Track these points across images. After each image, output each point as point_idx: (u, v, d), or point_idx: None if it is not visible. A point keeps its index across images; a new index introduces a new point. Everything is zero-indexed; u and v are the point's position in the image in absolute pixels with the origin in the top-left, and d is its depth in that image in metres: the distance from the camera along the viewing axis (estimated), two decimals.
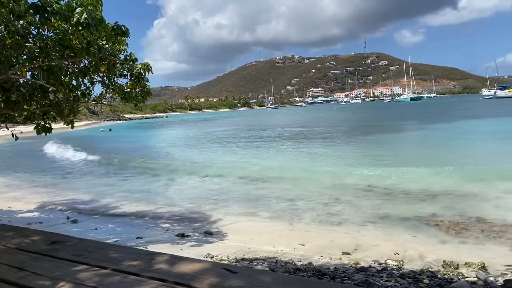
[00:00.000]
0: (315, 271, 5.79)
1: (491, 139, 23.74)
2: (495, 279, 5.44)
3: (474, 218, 8.73)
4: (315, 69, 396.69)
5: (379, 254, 7.04)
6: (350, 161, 17.93)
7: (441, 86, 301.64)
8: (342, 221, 9.22)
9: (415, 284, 5.02)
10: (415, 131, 32.37)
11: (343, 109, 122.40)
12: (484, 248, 7.05)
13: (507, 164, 14.83)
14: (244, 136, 36.67)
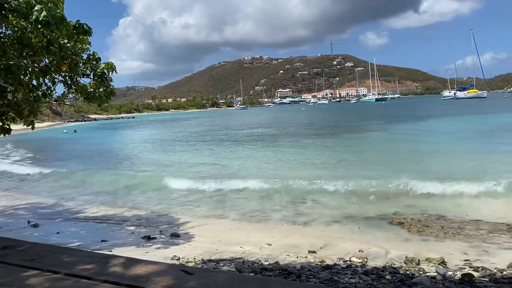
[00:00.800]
0: (281, 270, 5.82)
1: (451, 139, 24.60)
2: (454, 273, 5.63)
3: (435, 216, 9.02)
4: (283, 70, 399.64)
5: (344, 252, 7.16)
6: (316, 162, 18.16)
7: (404, 87, 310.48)
8: (309, 220, 9.33)
9: (378, 280, 5.13)
10: (380, 132, 33.15)
11: (311, 109, 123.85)
12: (444, 245, 7.31)
13: (464, 164, 15.43)
14: (213, 137, 36.48)
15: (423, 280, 4.97)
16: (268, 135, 35.28)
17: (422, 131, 30.81)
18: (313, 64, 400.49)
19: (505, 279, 5.26)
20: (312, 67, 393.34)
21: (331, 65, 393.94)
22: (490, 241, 7.34)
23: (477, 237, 7.59)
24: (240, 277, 1.87)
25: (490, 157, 16.45)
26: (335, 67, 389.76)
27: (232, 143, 29.12)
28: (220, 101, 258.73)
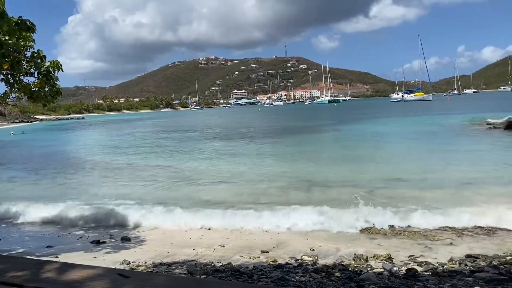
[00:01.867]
0: (233, 271, 5.83)
1: (398, 140, 25.65)
2: (399, 269, 5.87)
3: (382, 211, 9.32)
4: (238, 71, 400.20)
5: (296, 251, 7.28)
6: (270, 161, 18.33)
7: (355, 90, 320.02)
8: (262, 219, 9.35)
9: (328, 278, 5.25)
10: (332, 132, 33.97)
11: (267, 111, 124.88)
12: (391, 242, 7.59)
13: (411, 163, 16.13)
14: (166, 138, 35.89)
15: (370, 276, 5.14)
16: (226, 135, 35.22)
17: (371, 131, 31.90)
18: (268, 66, 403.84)
19: (445, 273, 5.55)
20: (267, 68, 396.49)
21: (286, 67, 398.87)
22: (433, 237, 7.71)
23: (421, 234, 7.95)
24: (178, 279, 1.85)
25: (432, 156, 17.30)
26: (289, 69, 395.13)
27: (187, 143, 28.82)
28: (174, 101, 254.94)
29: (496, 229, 7.88)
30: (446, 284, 4.76)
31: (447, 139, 23.73)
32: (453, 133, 26.68)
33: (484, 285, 4.77)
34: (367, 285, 4.67)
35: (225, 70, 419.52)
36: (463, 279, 5.07)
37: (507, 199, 9.77)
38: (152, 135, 40.47)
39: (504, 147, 19.48)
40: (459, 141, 23.10)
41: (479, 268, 5.66)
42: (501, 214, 8.60)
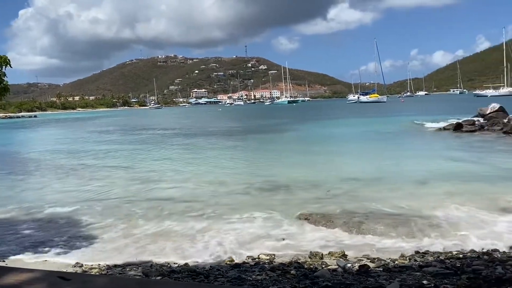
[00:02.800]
0: (190, 272, 5.79)
1: (353, 140, 26.34)
2: (352, 265, 6.03)
3: (338, 211, 9.55)
4: (199, 70, 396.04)
5: (254, 249, 7.31)
6: (230, 162, 18.31)
7: (314, 91, 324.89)
8: (221, 218, 9.33)
9: (283, 276, 5.31)
10: (292, 132, 34.38)
11: (228, 110, 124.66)
12: (345, 238, 7.78)
13: (366, 163, 16.61)
14: (122, 137, 35.05)
15: (324, 273, 5.25)
16: (188, 134, 34.82)
17: (329, 131, 32.58)
18: (228, 66, 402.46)
19: (396, 268, 5.76)
20: (228, 68, 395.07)
21: (246, 67, 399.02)
22: (387, 233, 7.96)
23: (376, 230, 8.19)
24: (119, 280, 1.80)
25: (385, 156, 17.89)
26: (249, 69, 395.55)
27: (143, 143, 28.27)
28: (132, 100, 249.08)
29: (445, 225, 8.23)
30: (396, 279, 4.93)
31: (399, 140, 24.63)
32: (405, 134, 27.70)
33: (431, 279, 4.98)
34: (321, 282, 4.76)
35: (185, 68, 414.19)
36: (412, 274, 5.28)
37: (454, 196, 10.26)
38: (106, 135, 39.34)
39: (452, 147, 20.42)
40: (410, 141, 24.03)
41: (427, 263, 5.92)
42: (448, 210, 9.03)
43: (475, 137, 23.50)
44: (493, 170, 13.68)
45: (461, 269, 5.40)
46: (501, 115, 27.95)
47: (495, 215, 8.64)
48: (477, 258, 6.03)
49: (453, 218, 8.57)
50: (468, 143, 21.12)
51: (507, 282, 4.48)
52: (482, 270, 5.23)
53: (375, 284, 4.62)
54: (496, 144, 20.03)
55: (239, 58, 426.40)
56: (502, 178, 12.26)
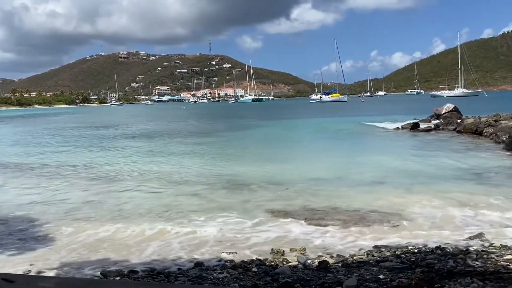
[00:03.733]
0: (150, 271, 5.72)
1: (315, 139, 26.78)
2: (312, 261, 6.14)
3: (300, 208, 9.69)
4: (161, 67, 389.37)
5: (216, 247, 7.30)
6: (192, 159, 18.17)
7: (277, 90, 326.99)
8: (182, 216, 9.25)
9: (245, 274, 5.34)
10: (257, 130, 34.53)
11: (191, 108, 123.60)
12: (306, 235, 7.89)
13: (327, 162, 16.92)
14: (80, 135, 34.01)
15: (284, 270, 5.32)
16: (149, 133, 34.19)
17: (291, 130, 32.98)
18: (192, 63, 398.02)
19: (354, 263, 5.92)
20: (191, 65, 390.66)
21: (210, 65, 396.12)
22: (347, 229, 8.15)
23: (336, 226, 8.36)
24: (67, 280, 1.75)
25: (346, 154, 18.31)
26: (214, 67, 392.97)
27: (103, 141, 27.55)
28: (92, 96, 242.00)
29: (402, 221, 8.52)
30: (354, 274, 5.07)
31: (358, 139, 25.29)
32: (364, 134, 28.42)
33: (387, 273, 5.15)
34: (281, 278, 4.82)
35: (147, 65, 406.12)
36: (369, 269, 5.44)
37: (409, 193, 10.64)
38: (65, 132, 38.06)
39: (408, 146, 21.13)
40: (369, 140, 24.68)
41: (384, 258, 6.11)
42: (405, 207, 9.36)
43: (431, 136, 24.45)
44: (446, 168, 14.28)
45: (415, 263, 5.61)
46: (455, 115, 29.23)
47: (448, 211, 9.03)
48: (431, 253, 6.28)
49: (409, 214, 8.88)
50: (424, 142, 21.93)
51: (457, 274, 4.70)
52: (435, 264, 5.46)
53: (333, 279, 4.73)
54: (450, 144, 20.91)
55: (203, 55, 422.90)
56: (454, 176, 12.82)
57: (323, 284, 4.47)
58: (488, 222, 8.16)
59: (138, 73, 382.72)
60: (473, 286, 4.06)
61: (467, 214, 8.76)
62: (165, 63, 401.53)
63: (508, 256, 5.67)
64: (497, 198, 9.88)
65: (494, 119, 24.18)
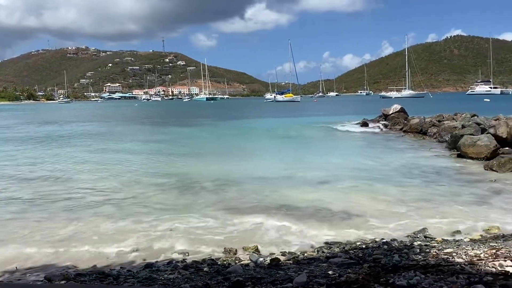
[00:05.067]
0: (98, 274, 5.55)
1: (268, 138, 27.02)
2: (264, 259, 6.20)
3: (252, 207, 9.74)
4: (112, 63, 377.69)
5: (168, 248, 7.20)
6: (144, 159, 17.80)
7: (232, 89, 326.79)
8: (133, 217, 9.02)
9: (196, 273, 5.31)
10: (210, 130, 34.35)
11: (144, 106, 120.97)
12: (258, 233, 7.95)
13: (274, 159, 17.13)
14: (26, 135, 32.34)
15: (236, 268, 5.33)
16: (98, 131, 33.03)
17: (245, 129, 33.10)
18: (144, 60, 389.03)
19: (305, 260, 6.03)
20: (144, 62, 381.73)
21: (164, 62, 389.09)
22: (298, 227, 8.28)
23: (287, 224, 8.47)
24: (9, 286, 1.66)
25: (297, 153, 18.62)
26: (167, 65, 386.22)
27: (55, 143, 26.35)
28: (38, 93, 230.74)
29: (351, 218, 8.78)
30: (304, 270, 5.16)
31: (309, 139, 25.72)
32: (314, 133, 28.97)
33: (336, 269, 5.29)
34: (233, 277, 4.83)
35: (97, 61, 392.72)
36: (319, 265, 5.56)
37: (358, 191, 11.00)
38: (6, 130, 36.04)
39: (357, 145, 21.82)
40: (319, 140, 25.10)
41: (334, 254, 6.28)
42: (354, 204, 9.66)
43: (379, 136, 25.38)
44: (392, 166, 14.86)
45: (363, 259, 5.80)
46: (402, 115, 30.47)
47: (394, 208, 9.42)
48: (378, 248, 6.51)
49: (358, 211, 9.16)
50: (371, 142, 22.70)
51: (401, 268, 4.90)
52: (381, 259, 5.67)
53: (284, 276, 4.79)
54: (396, 143, 21.80)
55: (156, 52, 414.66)
56: (400, 174, 13.38)
57: (274, 282, 4.52)
58: (431, 217, 8.58)
59: (88, 69, 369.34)
60: (416, 279, 4.24)
61: (411, 210, 9.17)
62: (116, 59, 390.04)
63: (448, 250, 5.98)
64: (439, 195, 10.43)
65: (438, 119, 25.48)
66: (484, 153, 14.86)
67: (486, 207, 9.23)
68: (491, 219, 8.23)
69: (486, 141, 15.14)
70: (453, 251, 5.73)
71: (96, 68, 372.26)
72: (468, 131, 16.89)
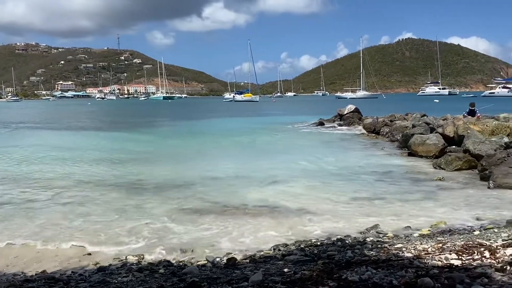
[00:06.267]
0: (47, 279, 5.34)
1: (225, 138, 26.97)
2: (221, 259, 6.19)
3: (208, 207, 9.70)
4: (65, 60, 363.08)
5: (123, 250, 7.05)
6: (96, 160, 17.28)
7: (190, 88, 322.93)
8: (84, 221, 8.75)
9: (151, 276, 5.22)
10: (167, 130, 33.86)
11: (98, 104, 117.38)
12: (215, 233, 7.93)
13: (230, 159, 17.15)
14: None
15: (192, 269, 5.29)
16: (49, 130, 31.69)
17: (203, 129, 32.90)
18: (99, 57, 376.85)
19: (261, 259, 6.08)
20: (98, 60, 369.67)
21: (119, 60, 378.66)
22: (255, 226, 8.33)
23: (244, 223, 8.50)
24: None
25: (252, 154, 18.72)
26: (122, 63, 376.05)
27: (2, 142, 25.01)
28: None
29: (307, 216, 8.93)
30: (261, 269, 5.19)
31: (266, 138, 25.89)
32: (272, 133, 29.18)
33: (292, 266, 5.36)
34: (188, 278, 4.79)
35: (48, 58, 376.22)
36: (275, 263, 5.62)
37: (313, 190, 11.21)
38: None
39: (313, 144, 22.18)
40: (275, 139, 25.26)
41: (289, 252, 6.36)
42: (310, 203, 9.84)
43: (334, 136, 25.94)
44: (346, 165, 15.21)
45: (318, 256, 5.92)
46: (356, 116, 31.45)
47: (347, 205, 9.68)
48: (332, 245, 6.67)
49: (313, 209, 9.33)
50: (326, 141, 23.12)
51: (354, 264, 5.04)
52: (335, 255, 5.80)
53: (240, 276, 4.80)
54: (350, 142, 22.39)
55: (111, 50, 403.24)
56: (354, 172, 13.75)
57: (230, 281, 4.52)
58: (383, 214, 8.88)
59: (38, 66, 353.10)
60: (367, 274, 4.37)
61: (364, 207, 9.45)
62: (69, 56, 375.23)
63: (398, 245, 6.20)
64: (390, 193, 10.81)
65: (390, 119, 26.42)
66: (433, 151, 15.55)
67: (434, 203, 9.66)
68: (439, 215, 8.61)
69: (434, 140, 15.86)
70: (403, 246, 5.94)
71: (48, 66, 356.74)
72: (418, 131, 17.60)
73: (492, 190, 10.55)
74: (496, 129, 15.93)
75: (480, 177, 11.97)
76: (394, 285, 3.88)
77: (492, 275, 4.01)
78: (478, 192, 10.56)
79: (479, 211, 8.80)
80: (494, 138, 14.22)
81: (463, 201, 9.79)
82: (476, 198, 9.97)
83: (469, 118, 18.98)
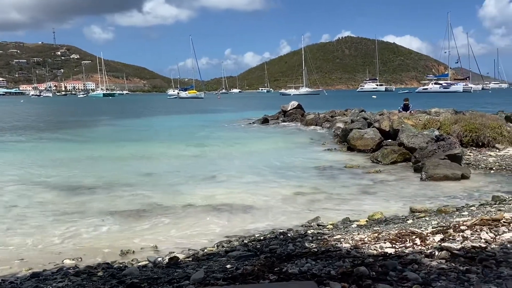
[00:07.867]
0: None
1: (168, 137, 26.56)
2: (163, 259, 6.09)
3: (146, 206, 9.49)
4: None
5: (58, 255, 6.73)
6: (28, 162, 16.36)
7: (132, 84, 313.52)
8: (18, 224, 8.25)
9: (89, 279, 5.04)
10: (109, 126, 32.73)
11: (33, 102, 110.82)
12: (156, 232, 7.79)
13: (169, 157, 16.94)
14: None
15: (132, 270, 5.17)
16: None
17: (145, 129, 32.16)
18: (33, 53, 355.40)
19: (204, 256, 6.06)
20: (32, 55, 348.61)
21: (55, 55, 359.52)
22: (197, 223, 8.28)
23: (185, 220, 8.42)
24: None
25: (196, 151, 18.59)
26: (59, 58, 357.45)
27: None
28: None
29: (249, 211, 9.00)
30: (203, 267, 5.18)
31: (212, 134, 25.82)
32: (216, 129, 29.21)
33: (234, 262, 5.39)
34: (128, 279, 4.68)
35: None
36: (218, 260, 5.62)
37: (258, 186, 11.34)
38: None
39: (259, 140, 22.40)
40: (221, 135, 25.23)
41: (233, 248, 6.39)
42: (252, 198, 9.94)
43: (278, 132, 26.36)
44: (288, 160, 15.50)
45: (260, 250, 5.99)
46: (299, 112, 32.17)
47: (290, 200, 9.90)
48: (275, 239, 6.78)
49: (256, 205, 9.45)
50: (271, 138, 23.41)
51: (295, 256, 5.16)
52: (277, 249, 5.90)
53: (182, 274, 4.76)
54: (293, 138, 22.87)
55: (46, 44, 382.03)
56: (296, 168, 14.07)
57: (171, 281, 4.46)
58: (324, 207, 9.17)
59: None
60: (307, 265, 4.50)
61: (306, 201, 9.71)
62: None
63: (337, 236, 6.43)
64: (331, 186, 11.18)
65: (331, 115, 27.31)
66: (370, 145, 16.24)
67: (371, 196, 10.11)
68: (376, 206, 9.01)
69: (372, 134, 16.56)
70: (342, 237, 6.17)
71: None
72: (357, 126, 18.29)
73: (424, 181, 11.20)
74: (428, 123, 16.91)
75: (414, 168, 12.67)
76: (332, 275, 4.02)
77: (422, 261, 4.27)
78: (412, 183, 11.19)
79: (412, 201, 9.33)
80: (426, 132, 15.06)
81: (398, 192, 10.34)
82: (410, 189, 10.56)
83: (404, 113, 20.00)
